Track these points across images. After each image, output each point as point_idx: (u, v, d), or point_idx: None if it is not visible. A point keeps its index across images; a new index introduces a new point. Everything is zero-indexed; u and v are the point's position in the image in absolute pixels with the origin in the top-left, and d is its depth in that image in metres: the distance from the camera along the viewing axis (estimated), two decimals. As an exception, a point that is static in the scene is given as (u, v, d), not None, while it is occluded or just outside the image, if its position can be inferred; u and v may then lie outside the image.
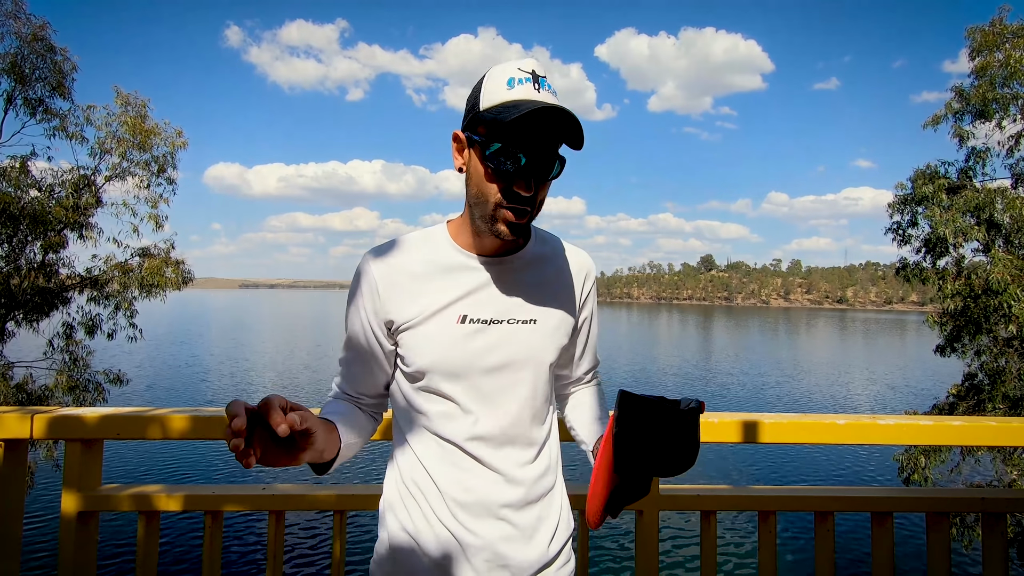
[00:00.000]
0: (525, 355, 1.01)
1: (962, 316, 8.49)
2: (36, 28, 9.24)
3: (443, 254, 1.01)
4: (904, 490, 1.75)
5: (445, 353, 0.97)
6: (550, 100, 0.88)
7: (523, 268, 1.04)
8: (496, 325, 0.99)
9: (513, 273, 1.02)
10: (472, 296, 0.99)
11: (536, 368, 1.03)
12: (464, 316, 0.98)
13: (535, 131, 0.88)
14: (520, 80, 0.89)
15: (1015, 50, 8.42)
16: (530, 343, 1.01)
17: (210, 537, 1.55)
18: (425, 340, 0.97)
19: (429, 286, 0.99)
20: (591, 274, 1.13)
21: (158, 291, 10.30)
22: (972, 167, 9.18)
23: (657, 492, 1.58)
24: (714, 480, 13.65)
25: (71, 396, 9.53)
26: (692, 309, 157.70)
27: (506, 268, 1.02)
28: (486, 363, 0.98)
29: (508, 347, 0.99)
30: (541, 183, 0.92)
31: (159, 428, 1.47)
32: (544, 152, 0.89)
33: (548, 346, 1.04)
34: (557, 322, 1.05)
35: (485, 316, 0.99)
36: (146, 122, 10.21)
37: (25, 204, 9.06)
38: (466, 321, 0.98)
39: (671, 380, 29.70)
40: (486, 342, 0.98)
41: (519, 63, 0.91)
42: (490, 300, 1.00)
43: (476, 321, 0.98)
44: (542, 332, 1.03)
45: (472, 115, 0.92)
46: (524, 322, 1.01)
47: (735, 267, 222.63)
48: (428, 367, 0.98)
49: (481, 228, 0.95)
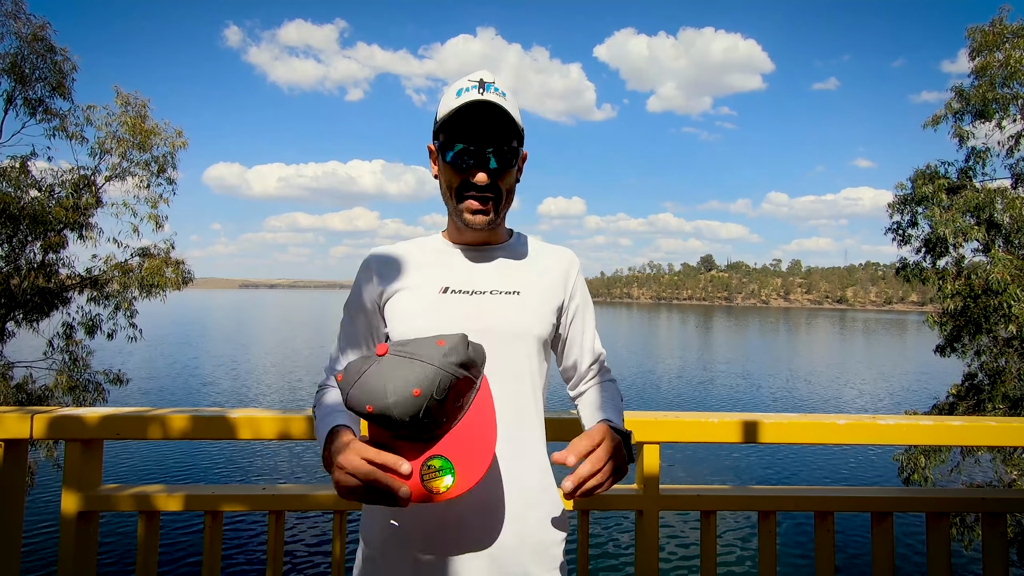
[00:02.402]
0: (510, 323, 1.04)
1: (962, 316, 8.48)
2: (36, 28, 9.22)
3: (433, 245, 1.15)
4: (904, 490, 1.75)
5: (424, 316, 1.03)
6: (491, 98, 0.99)
7: (506, 253, 1.14)
8: (479, 295, 1.06)
9: (496, 254, 1.13)
10: (456, 272, 1.10)
11: (525, 340, 1.04)
12: (446, 288, 1.07)
13: (477, 127, 1.01)
14: (467, 88, 1.01)
15: (1015, 50, 8.41)
16: (516, 312, 1.06)
17: (210, 537, 1.55)
18: (407, 306, 1.06)
19: (417, 268, 1.10)
20: (575, 265, 1.19)
21: (158, 291, 10.28)
22: (972, 167, 9.17)
23: (657, 492, 1.58)
24: (714, 480, 13.65)
25: (71, 396, 9.52)
26: (692, 309, 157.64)
27: (492, 254, 1.13)
28: (467, 328, 0.96)
29: (492, 316, 1.04)
30: (486, 170, 1.02)
31: (159, 428, 1.48)
32: (487, 143, 1.02)
33: (535, 320, 1.06)
34: (542, 295, 1.10)
35: (467, 288, 1.07)
36: (146, 122, 10.19)
37: (25, 204, 9.05)
38: (448, 292, 1.06)
39: (671, 380, 29.68)
40: (466, 309, 1.05)
41: (472, 75, 1.04)
42: (473, 275, 1.09)
43: (458, 292, 1.06)
44: (526, 303, 1.08)
45: (435, 127, 1.06)
46: (508, 293, 1.08)
47: (735, 267, 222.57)
48: (407, 331, 1.02)
49: (456, 221, 1.09)
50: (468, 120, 1.01)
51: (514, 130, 1.04)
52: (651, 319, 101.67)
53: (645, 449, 1.58)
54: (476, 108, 1.00)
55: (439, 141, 1.05)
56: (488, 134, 1.02)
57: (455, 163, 1.03)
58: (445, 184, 1.07)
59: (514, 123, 1.03)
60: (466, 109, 0.99)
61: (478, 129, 1.02)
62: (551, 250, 1.19)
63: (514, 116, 1.03)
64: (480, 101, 0.98)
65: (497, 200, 1.06)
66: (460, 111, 1.00)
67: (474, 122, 1.01)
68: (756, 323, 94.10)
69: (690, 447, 14.83)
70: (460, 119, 1.01)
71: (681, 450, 14.92)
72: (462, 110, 1.00)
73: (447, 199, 1.08)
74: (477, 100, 0.98)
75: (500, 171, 1.04)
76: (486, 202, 1.05)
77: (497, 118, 1.02)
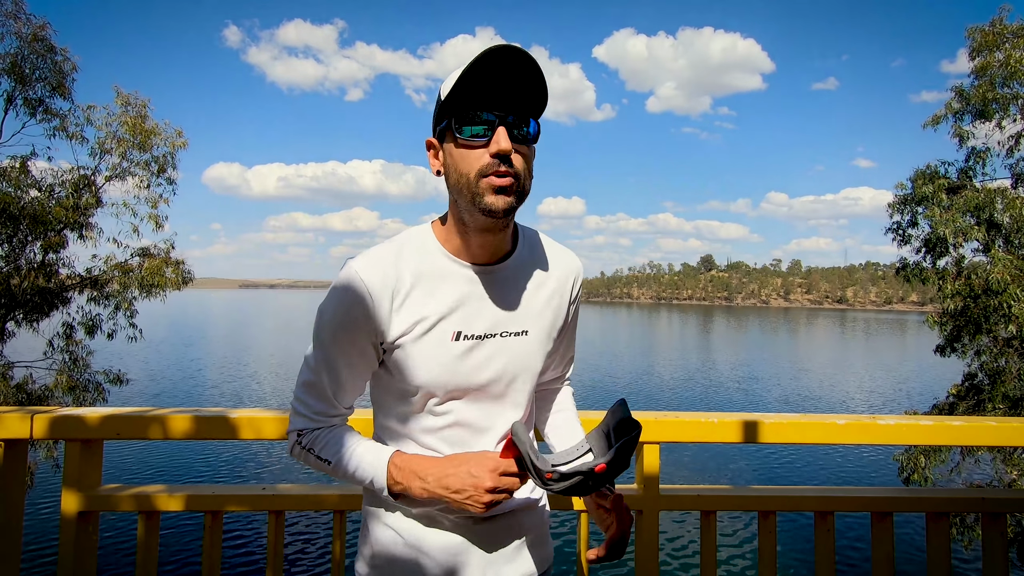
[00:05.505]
0: (516, 367, 1.02)
1: (962, 316, 8.49)
2: (36, 28, 9.23)
3: (434, 262, 0.97)
4: (904, 490, 1.75)
5: (441, 373, 0.96)
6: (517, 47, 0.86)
7: (514, 276, 1.02)
8: (489, 340, 0.99)
9: (505, 283, 1.00)
10: (465, 309, 0.97)
11: (527, 378, 1.04)
12: (458, 333, 0.96)
13: (498, 92, 0.87)
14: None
15: (1015, 50, 8.42)
16: (521, 354, 1.02)
17: (210, 537, 1.56)
18: (421, 360, 0.95)
19: (421, 299, 0.95)
20: (579, 278, 1.12)
21: (158, 291, 10.30)
22: (972, 167, 9.18)
23: (657, 492, 1.58)
24: (714, 480, 13.66)
25: (71, 396, 9.53)
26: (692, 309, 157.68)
27: (497, 277, 1.00)
28: (480, 379, 0.99)
29: (500, 360, 1.00)
30: (520, 143, 0.89)
31: (159, 428, 1.48)
32: (512, 111, 0.88)
33: (538, 354, 1.05)
34: (547, 330, 1.06)
35: (479, 331, 0.98)
36: (146, 122, 10.20)
37: (25, 204, 9.06)
38: (460, 338, 0.96)
39: (671, 380, 29.68)
40: (479, 359, 0.98)
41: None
42: (482, 313, 0.98)
43: (470, 337, 0.97)
44: (533, 342, 1.03)
45: (437, 111, 0.93)
46: (516, 334, 1.01)
47: (735, 267, 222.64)
48: (423, 386, 0.96)
49: (469, 221, 0.93)
50: (491, 79, 0.85)
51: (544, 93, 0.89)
52: (651, 319, 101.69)
53: (645, 449, 1.58)
54: (501, 57, 0.83)
55: (448, 121, 0.90)
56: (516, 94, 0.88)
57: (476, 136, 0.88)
58: (462, 169, 0.90)
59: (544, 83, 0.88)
60: (489, 58, 0.82)
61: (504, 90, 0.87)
62: (556, 259, 1.09)
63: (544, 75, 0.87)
64: (506, 47, 0.82)
65: (519, 180, 0.90)
66: (482, 61, 0.82)
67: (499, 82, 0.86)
68: (756, 323, 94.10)
69: (690, 447, 14.82)
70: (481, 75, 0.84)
71: (681, 450, 14.93)
72: (484, 60, 0.82)
73: (461, 190, 0.90)
74: (503, 46, 0.82)
75: (525, 142, 0.91)
76: (508, 178, 0.88)
77: (526, 72, 0.86)
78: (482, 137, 0.88)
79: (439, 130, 0.93)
